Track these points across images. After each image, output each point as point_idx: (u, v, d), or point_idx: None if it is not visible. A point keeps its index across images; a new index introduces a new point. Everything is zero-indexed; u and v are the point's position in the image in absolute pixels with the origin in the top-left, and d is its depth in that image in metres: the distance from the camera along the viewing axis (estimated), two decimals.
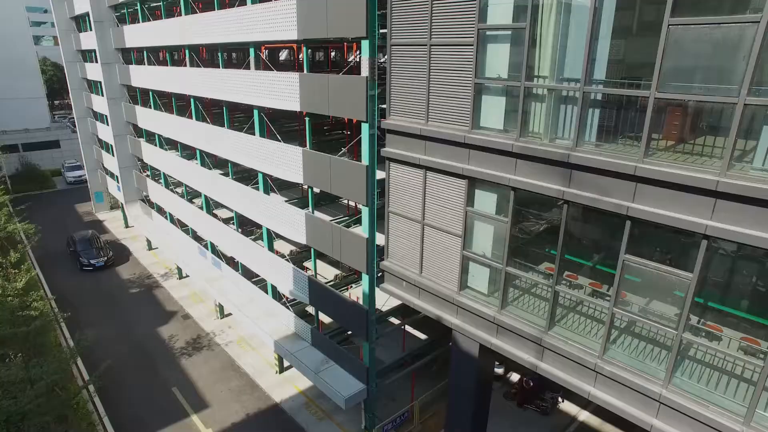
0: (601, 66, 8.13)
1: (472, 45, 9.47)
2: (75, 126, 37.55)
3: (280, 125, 18.97)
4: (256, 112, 15.88)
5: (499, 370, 18.00)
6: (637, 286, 8.67)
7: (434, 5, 9.91)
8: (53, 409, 10.91)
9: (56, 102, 76.12)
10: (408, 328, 17.45)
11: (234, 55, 31.30)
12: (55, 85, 70.66)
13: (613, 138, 8.63)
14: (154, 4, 22.95)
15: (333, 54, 26.92)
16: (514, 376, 18.25)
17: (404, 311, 16.36)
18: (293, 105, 13.56)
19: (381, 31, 12.19)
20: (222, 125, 18.74)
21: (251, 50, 15.45)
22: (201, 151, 20.57)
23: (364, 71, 11.38)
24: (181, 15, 19.13)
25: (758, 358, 7.36)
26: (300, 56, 24.28)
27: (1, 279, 16.04)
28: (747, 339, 7.87)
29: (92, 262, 27.66)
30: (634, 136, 8.34)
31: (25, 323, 12.26)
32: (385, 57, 11.27)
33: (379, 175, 12.42)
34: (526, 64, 8.74)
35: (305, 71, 13.49)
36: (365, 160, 11.99)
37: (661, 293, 8.48)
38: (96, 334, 14.58)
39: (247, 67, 15.94)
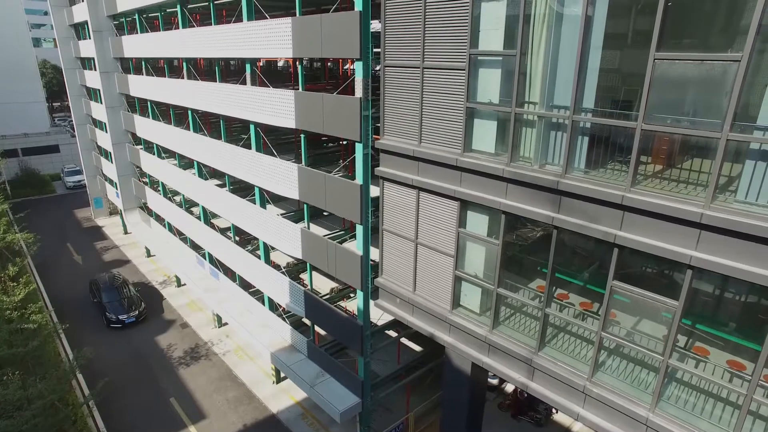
0: (590, 94, 8.24)
1: (463, 69, 9.59)
2: (74, 130, 37.68)
3: (277, 136, 19.07)
4: (252, 126, 15.99)
5: (494, 381, 18.13)
6: (626, 306, 8.79)
7: (427, 29, 10.03)
8: (51, 426, 11.01)
9: (56, 104, 76.24)
10: (403, 339, 17.57)
11: (232, 62, 31.38)
12: (55, 87, 70.74)
13: (603, 163, 8.76)
14: (152, 15, 23.06)
15: (330, 64, 26.99)
16: (509, 387, 18.37)
17: (399, 324, 16.49)
18: (289, 122, 13.68)
19: (375, 50, 12.31)
20: (220, 135, 18.88)
21: (248, 66, 15.55)
22: (198, 162, 20.68)
23: (358, 92, 11.49)
24: (178, 25, 19.24)
25: (744, 381, 7.47)
26: (296, 63, 24.33)
27: (0, 293, 16.15)
28: (732, 363, 8.00)
29: (121, 318, 22.76)
30: (623, 160, 8.49)
31: (23, 343, 12.38)
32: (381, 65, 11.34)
33: (375, 191, 12.53)
34: (517, 91, 8.87)
35: (300, 88, 13.60)
36: (359, 179, 12.11)
37: (649, 314, 8.61)
38: (94, 349, 14.62)
39: (244, 81, 16.05)
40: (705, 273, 7.33)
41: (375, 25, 11.90)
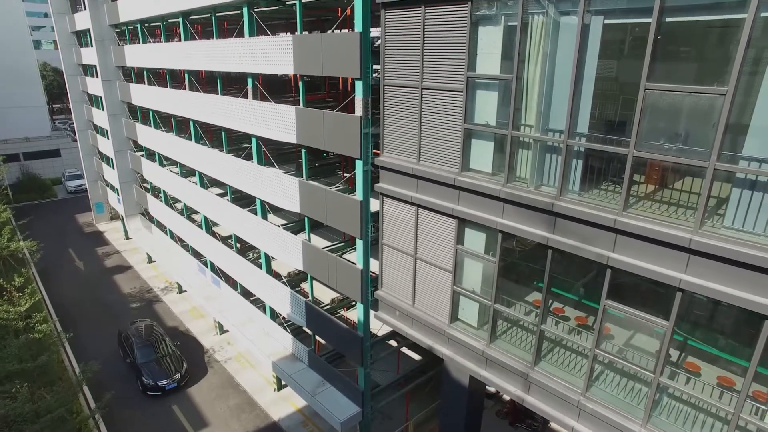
0: (584, 120, 8.49)
1: (461, 91, 9.84)
2: (75, 133, 37.92)
3: (278, 146, 19.28)
4: (253, 139, 16.23)
5: (492, 388, 18.35)
6: (621, 320, 9.05)
7: (426, 51, 10.27)
8: None
9: (56, 107, 76.39)
10: (403, 348, 17.81)
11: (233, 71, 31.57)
12: (56, 90, 70.90)
13: (597, 184, 9.01)
14: (154, 24, 23.28)
15: None
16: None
17: (399, 334, 16.71)
18: (290, 137, 13.92)
19: (375, 66, 12.55)
20: (221, 143, 19.11)
21: (249, 80, 15.79)
22: (200, 172, 20.90)
23: (359, 110, 11.73)
24: (179, 35, 19.47)
25: (733, 397, 7.72)
26: (297, 77, 24.50)
27: (6, 303, 16.38)
28: (722, 379, 8.27)
29: (161, 384, 18.91)
30: (616, 180, 8.76)
31: (32, 358, 12.62)
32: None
33: (375, 204, 12.76)
34: (513, 114, 9.12)
35: (301, 104, 13.84)
36: (359, 195, 12.35)
37: (643, 328, 8.87)
38: (99, 363, 14.83)
39: (246, 94, 16.29)
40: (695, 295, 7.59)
41: (375, 32, 12.00)
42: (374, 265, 13.41)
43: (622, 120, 8.31)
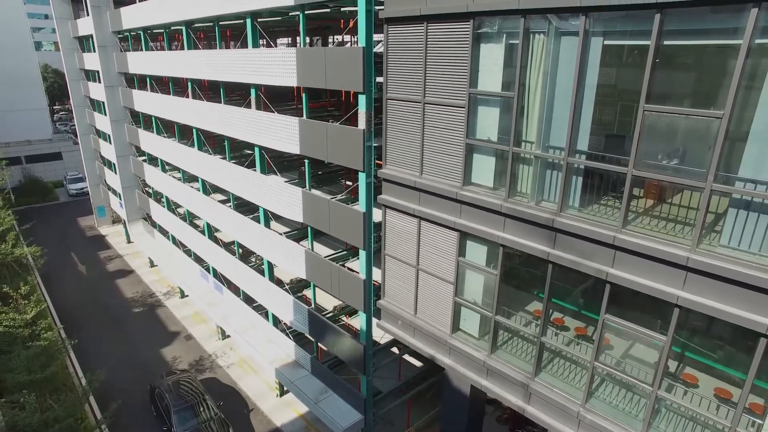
0: (584, 137, 8.65)
1: (463, 107, 10.00)
2: (76, 136, 37.99)
3: (280, 153, 19.45)
4: (257, 148, 16.39)
5: None
6: (620, 332, 9.20)
7: (428, 66, 10.43)
8: None
9: (56, 107, 76.57)
10: (404, 355, 17.97)
11: None
12: (57, 91, 71.11)
13: (597, 199, 9.17)
14: (157, 31, 23.43)
15: None
16: None
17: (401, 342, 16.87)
18: (293, 148, 14.09)
19: (378, 79, 12.70)
20: (223, 150, 19.26)
21: (253, 90, 15.94)
22: (202, 179, 21.05)
23: (361, 123, 11.89)
24: (182, 40, 19.62)
25: (730, 407, 7.88)
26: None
27: (12, 311, 16.54)
28: (719, 390, 8.43)
29: None
30: (616, 195, 8.92)
31: (41, 368, 12.79)
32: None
33: (378, 214, 12.90)
34: (515, 131, 9.28)
35: (305, 116, 14.00)
36: (362, 206, 12.52)
37: (641, 339, 9.02)
38: (105, 372, 14.88)
39: (249, 104, 16.45)
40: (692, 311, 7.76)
41: (378, 36, 12.13)
42: (377, 274, 13.58)
43: (621, 135, 8.47)
